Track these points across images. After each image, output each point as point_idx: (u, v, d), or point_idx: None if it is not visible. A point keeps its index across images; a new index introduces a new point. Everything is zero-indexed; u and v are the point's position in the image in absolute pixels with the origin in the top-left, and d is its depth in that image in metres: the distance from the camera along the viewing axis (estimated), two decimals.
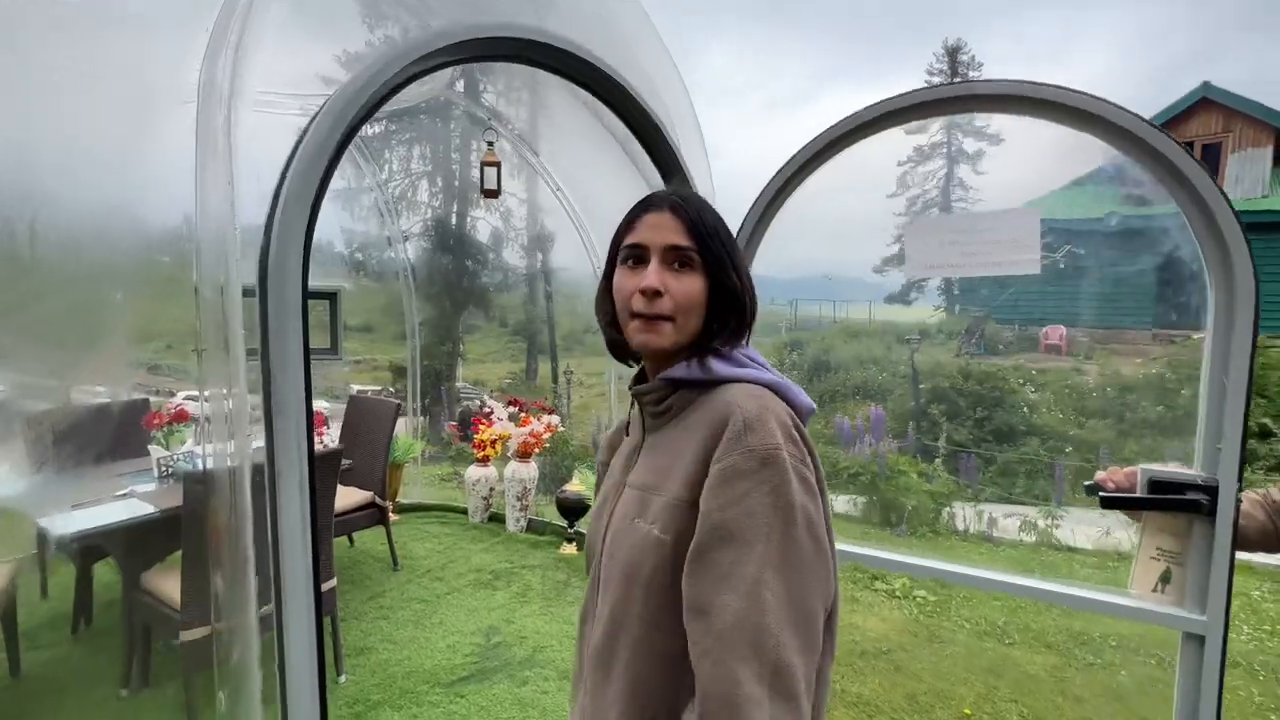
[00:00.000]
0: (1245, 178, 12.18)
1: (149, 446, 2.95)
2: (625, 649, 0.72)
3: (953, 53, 25.31)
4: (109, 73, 1.21)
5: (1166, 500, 1.03)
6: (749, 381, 0.75)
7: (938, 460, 5.73)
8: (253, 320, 0.76)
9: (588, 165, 3.21)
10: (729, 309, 0.76)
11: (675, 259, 0.74)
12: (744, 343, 0.80)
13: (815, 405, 0.79)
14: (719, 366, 0.76)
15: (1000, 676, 2.72)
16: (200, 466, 3.15)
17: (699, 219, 0.75)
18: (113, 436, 3.22)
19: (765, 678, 0.60)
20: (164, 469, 2.85)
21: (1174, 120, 12.77)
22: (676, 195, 0.78)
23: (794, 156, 1.27)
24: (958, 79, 26.47)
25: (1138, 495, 1.05)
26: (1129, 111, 1.05)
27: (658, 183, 1.82)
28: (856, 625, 3.13)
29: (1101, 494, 1.09)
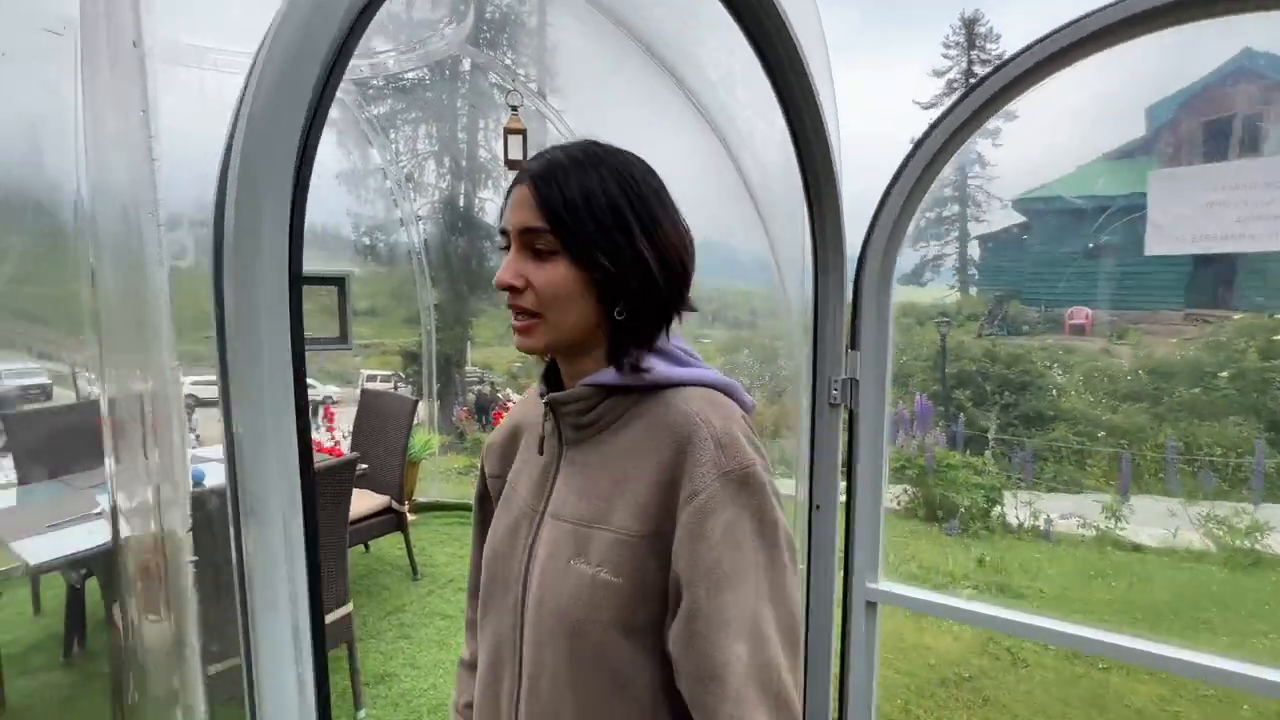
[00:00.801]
0: None
1: None
2: (575, 714, 0.62)
3: (970, 24, 24.55)
4: None
5: None
6: (696, 384, 0.65)
7: (986, 453, 5.39)
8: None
9: (627, 131, 2.82)
10: (625, 295, 0.63)
11: (532, 243, 0.62)
12: (668, 333, 0.67)
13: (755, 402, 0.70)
14: (659, 366, 0.65)
15: (1104, 711, 2.41)
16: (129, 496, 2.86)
17: (558, 190, 0.61)
18: (95, 439, 2.91)
19: (773, 711, 0.57)
20: None
21: (1210, 92, 12.12)
22: (546, 158, 0.63)
23: (978, 88, 0.92)
24: (975, 51, 25.72)
25: None
26: None
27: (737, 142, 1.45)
28: (928, 646, 2.82)
29: None
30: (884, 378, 1.07)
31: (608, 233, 0.61)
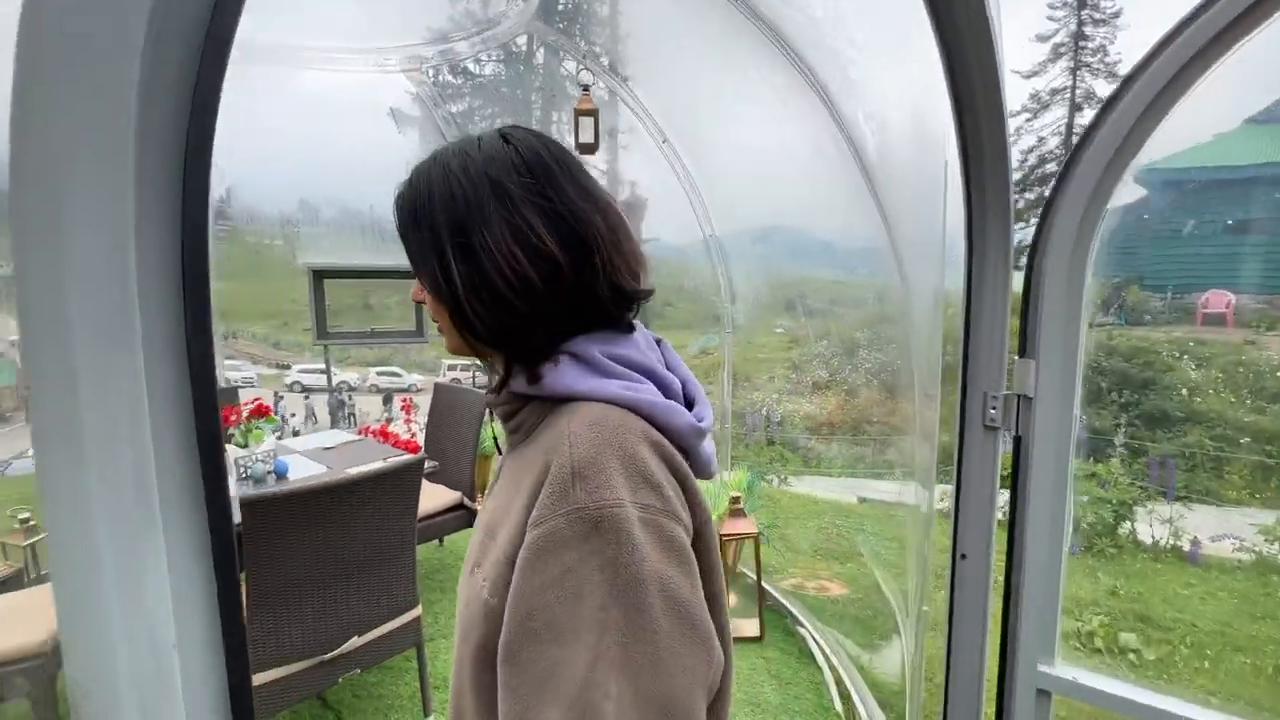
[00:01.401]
0: None
1: (227, 446, 2.70)
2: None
3: None
4: None
5: None
6: (597, 400, 0.56)
7: (1113, 460, 4.76)
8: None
9: (701, 105, 2.58)
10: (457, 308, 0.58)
11: None
12: (577, 338, 0.59)
13: (706, 421, 0.58)
14: (562, 376, 0.57)
15: None
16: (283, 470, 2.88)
17: (398, 215, 0.61)
18: None
19: None
20: (242, 472, 2.59)
21: None
22: (408, 178, 0.60)
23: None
24: (1086, 10, 23.26)
25: None
26: None
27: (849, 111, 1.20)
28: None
29: None
30: (1072, 395, 0.80)
31: (423, 254, 0.58)
